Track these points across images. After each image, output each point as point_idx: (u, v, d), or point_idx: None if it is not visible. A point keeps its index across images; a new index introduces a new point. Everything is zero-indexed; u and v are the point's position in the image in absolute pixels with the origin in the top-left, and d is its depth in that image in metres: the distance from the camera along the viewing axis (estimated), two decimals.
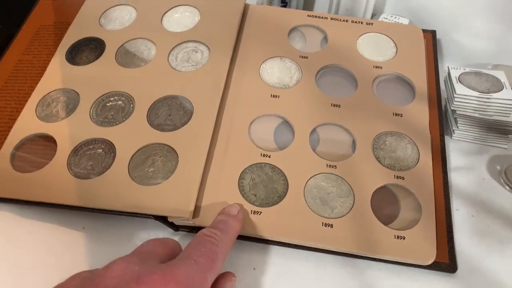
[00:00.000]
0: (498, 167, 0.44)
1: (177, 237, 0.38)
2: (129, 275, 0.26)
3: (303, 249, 0.37)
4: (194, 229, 0.38)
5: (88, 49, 0.48)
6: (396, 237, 0.36)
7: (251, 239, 0.37)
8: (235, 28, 0.47)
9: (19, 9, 0.55)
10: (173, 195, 0.37)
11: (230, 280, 0.32)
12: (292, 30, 0.49)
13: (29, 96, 0.44)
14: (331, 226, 0.36)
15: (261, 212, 0.37)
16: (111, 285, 0.25)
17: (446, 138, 0.46)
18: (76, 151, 0.40)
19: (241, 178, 0.39)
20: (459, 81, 0.46)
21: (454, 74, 0.47)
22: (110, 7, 0.52)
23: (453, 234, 0.37)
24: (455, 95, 0.45)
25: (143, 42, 0.48)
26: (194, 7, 0.50)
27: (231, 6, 0.49)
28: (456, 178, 0.43)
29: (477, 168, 0.44)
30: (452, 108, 0.46)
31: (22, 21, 0.53)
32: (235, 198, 0.38)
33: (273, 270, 0.37)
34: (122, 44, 0.48)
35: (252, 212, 0.37)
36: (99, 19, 0.51)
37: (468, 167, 0.44)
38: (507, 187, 0.42)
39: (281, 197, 0.38)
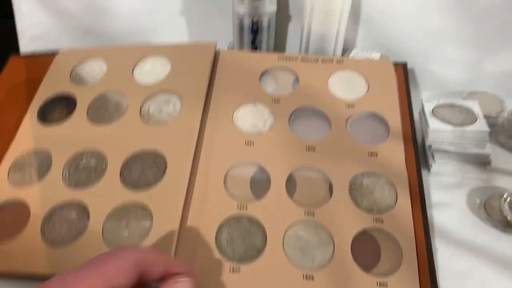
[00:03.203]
0: (477, 201, 0.43)
1: None
2: None
3: None
4: None
5: (60, 107, 0.48)
6: (378, 284, 0.35)
7: None
8: (206, 77, 0.47)
9: None
10: None
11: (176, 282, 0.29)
12: (264, 73, 0.49)
13: (1, 160, 0.44)
14: (312, 278, 0.36)
15: (240, 270, 0.36)
16: None
17: (425, 172, 0.46)
18: (49, 216, 0.40)
19: (218, 232, 0.38)
20: (433, 115, 0.46)
21: (428, 108, 0.47)
22: (81, 61, 0.51)
23: (436, 277, 0.37)
24: (429, 131, 0.45)
25: (114, 96, 0.48)
26: (165, 57, 0.50)
27: (201, 54, 0.49)
28: (436, 215, 0.42)
29: (457, 203, 0.43)
30: (427, 143, 0.45)
31: None
32: (213, 255, 0.37)
33: None
34: (94, 100, 0.47)
35: (231, 269, 0.36)
36: (70, 75, 0.50)
37: (448, 202, 0.43)
38: (487, 222, 0.41)
39: (260, 251, 0.37)
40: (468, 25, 0.52)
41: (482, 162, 0.45)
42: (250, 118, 0.46)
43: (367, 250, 0.38)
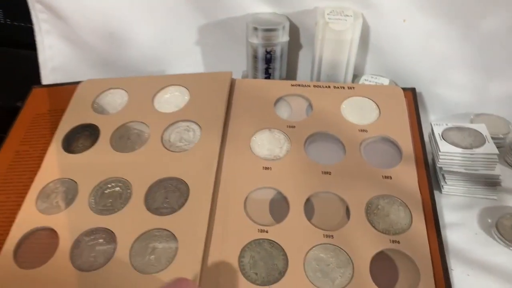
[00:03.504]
0: (489, 220, 0.45)
1: None
2: None
3: None
4: None
5: (83, 136, 0.50)
6: None
7: None
8: (223, 105, 0.49)
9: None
10: None
11: None
12: (278, 100, 0.52)
13: (29, 188, 0.46)
14: None
15: None
16: None
17: (436, 193, 0.47)
18: (77, 242, 0.41)
19: (241, 256, 0.40)
20: (442, 138, 0.48)
21: (437, 131, 0.49)
22: (102, 92, 0.54)
23: None
24: (439, 153, 0.46)
25: (136, 125, 0.50)
26: (183, 86, 0.52)
27: (218, 82, 0.52)
28: (450, 235, 0.43)
29: (469, 223, 0.45)
30: (438, 165, 0.47)
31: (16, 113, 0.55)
32: (236, 279, 0.38)
33: None
34: (116, 129, 0.49)
35: None
36: (92, 105, 0.53)
37: (460, 222, 0.45)
38: (499, 241, 0.43)
39: (282, 274, 0.39)
40: (473, 50, 0.54)
41: (492, 183, 0.46)
42: (266, 143, 0.48)
43: (385, 271, 0.39)
